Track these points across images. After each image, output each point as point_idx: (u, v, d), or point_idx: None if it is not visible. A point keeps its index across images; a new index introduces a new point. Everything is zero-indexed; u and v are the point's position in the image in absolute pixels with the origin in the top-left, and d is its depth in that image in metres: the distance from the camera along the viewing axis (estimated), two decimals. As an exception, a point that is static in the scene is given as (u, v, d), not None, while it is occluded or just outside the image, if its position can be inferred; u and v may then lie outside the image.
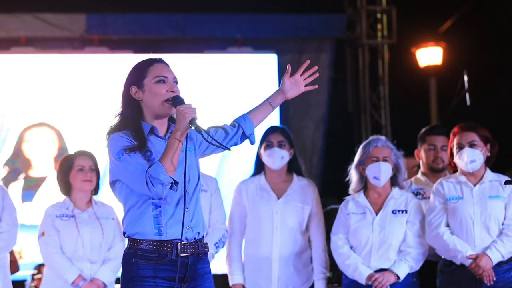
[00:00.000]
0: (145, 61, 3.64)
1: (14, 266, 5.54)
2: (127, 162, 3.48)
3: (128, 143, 3.51)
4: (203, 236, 3.64)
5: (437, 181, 5.17)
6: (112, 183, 3.59)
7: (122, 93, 3.64)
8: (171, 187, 3.47)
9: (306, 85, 3.74)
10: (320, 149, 8.54)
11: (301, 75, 3.72)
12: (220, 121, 3.72)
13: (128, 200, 3.57)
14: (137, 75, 3.61)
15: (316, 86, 3.77)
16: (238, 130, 3.71)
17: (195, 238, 3.57)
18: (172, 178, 3.44)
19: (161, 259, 3.51)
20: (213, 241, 5.19)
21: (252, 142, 3.75)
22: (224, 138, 3.69)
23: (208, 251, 3.67)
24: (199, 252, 3.58)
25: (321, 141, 8.57)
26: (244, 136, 3.72)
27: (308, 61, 3.74)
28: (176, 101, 3.53)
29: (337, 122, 8.71)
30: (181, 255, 3.52)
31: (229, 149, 3.66)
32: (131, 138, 3.53)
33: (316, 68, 3.73)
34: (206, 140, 3.53)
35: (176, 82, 3.61)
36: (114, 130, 3.58)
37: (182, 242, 3.53)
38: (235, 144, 3.73)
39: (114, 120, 3.62)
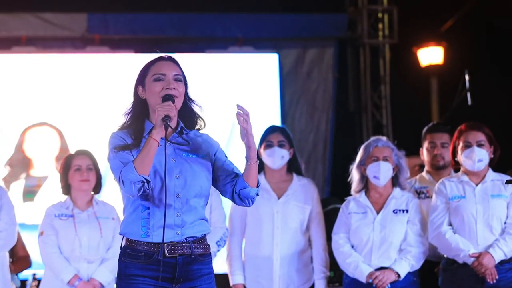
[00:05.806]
0: (151, 60, 3.63)
1: (26, 262, 5.55)
2: (112, 161, 3.52)
3: (120, 142, 3.53)
4: (200, 238, 3.59)
5: (440, 181, 5.18)
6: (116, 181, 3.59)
7: (132, 92, 3.64)
8: (143, 186, 3.43)
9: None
10: (328, 151, 8.52)
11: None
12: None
13: (124, 199, 3.60)
14: (142, 74, 3.61)
15: None
16: (235, 182, 3.62)
17: (186, 239, 3.54)
18: (143, 177, 3.41)
19: (147, 258, 3.51)
20: (215, 239, 5.19)
21: (237, 201, 3.63)
22: (225, 176, 3.62)
23: (209, 252, 3.64)
24: (191, 253, 3.54)
25: (329, 142, 8.54)
26: (234, 193, 3.61)
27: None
28: (166, 99, 3.51)
29: (339, 122, 8.69)
30: (168, 255, 3.50)
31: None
32: (128, 137, 3.54)
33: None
34: (167, 139, 3.45)
35: (178, 80, 3.57)
36: (119, 129, 3.60)
37: (171, 242, 3.50)
38: (223, 192, 3.64)
39: (123, 119, 3.62)
